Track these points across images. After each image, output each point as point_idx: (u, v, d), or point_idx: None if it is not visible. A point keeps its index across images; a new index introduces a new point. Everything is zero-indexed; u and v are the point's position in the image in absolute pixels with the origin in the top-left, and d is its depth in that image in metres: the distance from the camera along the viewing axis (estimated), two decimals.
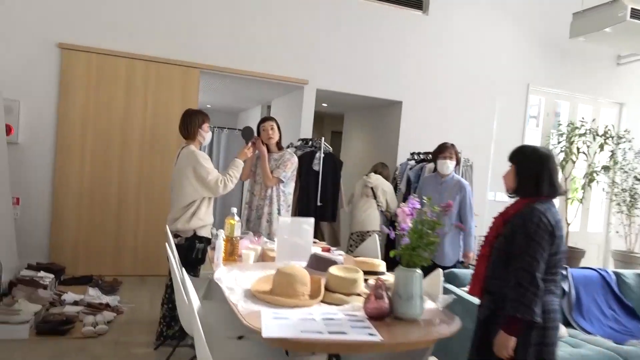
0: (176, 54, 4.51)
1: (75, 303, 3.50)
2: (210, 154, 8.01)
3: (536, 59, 5.99)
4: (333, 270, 1.99)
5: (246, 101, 6.87)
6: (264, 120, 3.32)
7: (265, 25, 4.78)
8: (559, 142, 5.85)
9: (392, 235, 1.89)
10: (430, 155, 4.77)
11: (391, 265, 2.15)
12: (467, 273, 2.90)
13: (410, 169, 4.75)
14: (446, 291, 2.53)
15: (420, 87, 5.44)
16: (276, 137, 3.31)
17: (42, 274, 3.82)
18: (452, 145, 3.56)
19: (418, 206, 1.85)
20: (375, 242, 3.06)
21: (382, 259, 2.47)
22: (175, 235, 2.94)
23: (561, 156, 5.95)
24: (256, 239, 2.79)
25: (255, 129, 3.30)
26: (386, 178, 4.58)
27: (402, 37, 5.32)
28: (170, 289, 2.99)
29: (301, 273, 1.93)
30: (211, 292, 2.98)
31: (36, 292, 3.37)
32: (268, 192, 3.28)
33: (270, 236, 3.26)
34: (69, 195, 4.28)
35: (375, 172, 4.55)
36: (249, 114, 7.91)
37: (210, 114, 3.16)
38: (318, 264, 2.20)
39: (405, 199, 4.72)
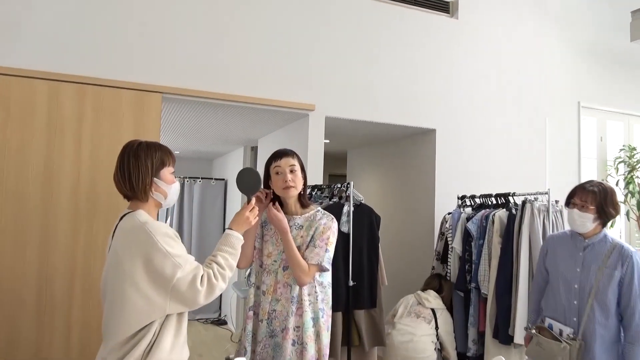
0: (126, 73, 3.09)
1: None
2: (179, 218, 6.32)
3: (585, 71, 4.86)
4: None
5: (224, 143, 5.45)
6: (277, 156, 1.89)
7: (254, 34, 3.45)
8: (628, 173, 4.65)
9: None
10: (493, 199, 3.43)
11: None
12: None
13: (468, 219, 3.37)
14: None
15: (456, 110, 4.17)
16: (299, 186, 1.88)
17: None
18: (598, 185, 2.11)
19: None
20: None
21: None
22: None
23: (625, 190, 4.76)
24: None
25: (261, 174, 1.87)
26: (445, 297, 3.31)
27: (429, 48, 4.09)
28: None
29: None
30: None
31: None
32: (295, 290, 1.81)
33: None
34: None
35: (434, 289, 3.32)
36: (227, 159, 6.47)
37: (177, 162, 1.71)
38: None
39: (464, 262, 3.31)
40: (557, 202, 3.10)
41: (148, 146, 1.57)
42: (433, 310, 3.18)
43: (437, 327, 3.15)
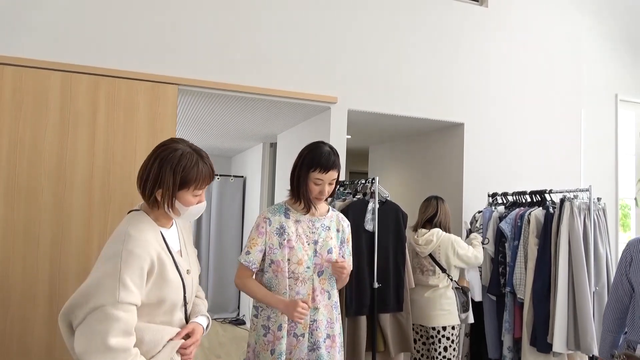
0: (141, 64, 2.98)
1: None
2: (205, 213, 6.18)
3: (623, 62, 4.58)
4: None
5: (242, 138, 5.33)
6: (322, 167, 1.72)
7: (273, 23, 3.31)
8: None
9: None
10: (527, 196, 3.21)
11: None
12: None
13: (501, 218, 3.16)
14: None
15: (486, 102, 3.95)
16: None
17: None
18: None
19: None
20: None
21: None
22: None
23: None
24: None
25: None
26: (445, 227, 3.00)
27: (457, 37, 3.88)
28: None
29: None
30: None
31: None
32: (334, 296, 1.74)
33: None
34: None
35: (429, 223, 2.96)
36: (245, 156, 6.36)
37: None
38: None
39: (497, 264, 3.10)
40: (599, 199, 2.87)
41: (168, 153, 1.34)
42: (432, 258, 2.86)
43: (443, 270, 2.86)
